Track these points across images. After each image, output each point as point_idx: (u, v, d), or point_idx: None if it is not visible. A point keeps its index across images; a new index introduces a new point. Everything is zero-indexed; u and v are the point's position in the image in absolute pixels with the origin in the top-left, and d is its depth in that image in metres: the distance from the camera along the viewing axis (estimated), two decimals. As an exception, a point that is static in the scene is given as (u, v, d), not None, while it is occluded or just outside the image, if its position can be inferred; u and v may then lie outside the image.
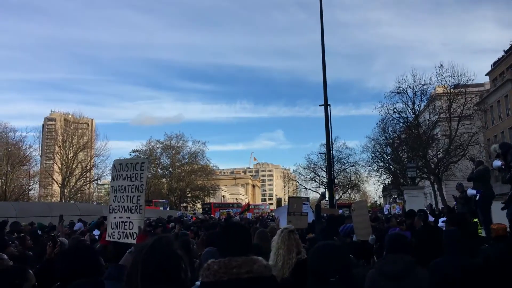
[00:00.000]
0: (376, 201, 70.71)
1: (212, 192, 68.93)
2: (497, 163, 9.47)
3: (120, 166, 5.09)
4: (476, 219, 8.56)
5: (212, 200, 67.49)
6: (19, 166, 49.81)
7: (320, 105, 25.08)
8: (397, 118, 39.02)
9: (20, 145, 50.45)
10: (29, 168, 52.23)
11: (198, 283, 2.67)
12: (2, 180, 47.09)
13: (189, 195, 65.82)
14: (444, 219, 8.85)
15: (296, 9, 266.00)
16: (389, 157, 43.71)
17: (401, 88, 37.28)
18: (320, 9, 18.45)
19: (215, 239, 6.04)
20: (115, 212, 4.85)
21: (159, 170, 64.28)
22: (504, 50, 50.90)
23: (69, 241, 6.41)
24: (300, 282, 2.81)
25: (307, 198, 8.96)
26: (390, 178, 48.32)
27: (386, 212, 28.53)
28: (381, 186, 53.12)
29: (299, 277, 2.88)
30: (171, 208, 54.90)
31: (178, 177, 63.79)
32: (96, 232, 10.13)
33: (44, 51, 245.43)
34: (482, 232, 8.00)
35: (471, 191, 9.59)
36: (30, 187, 54.42)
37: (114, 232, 4.75)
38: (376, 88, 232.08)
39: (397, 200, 37.75)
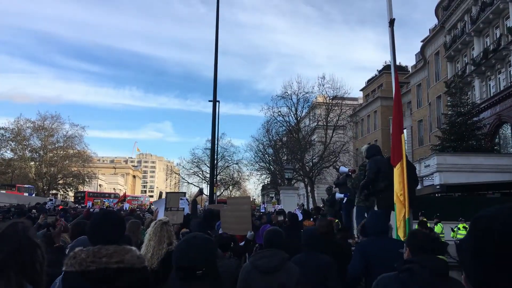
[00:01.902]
0: (255, 199, 73.45)
1: (87, 180, 64.55)
2: (344, 169, 10.72)
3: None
4: (337, 220, 9.40)
5: (87, 189, 63.34)
6: None
7: (210, 101, 25.24)
8: (280, 121, 41.15)
9: None
10: None
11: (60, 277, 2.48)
12: None
13: (60, 181, 60.79)
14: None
15: (197, 2, 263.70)
16: (270, 158, 45.76)
17: (287, 94, 39.42)
18: (217, 5, 18.51)
19: (81, 228, 5.72)
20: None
21: (27, 152, 58.15)
22: (377, 70, 57.07)
23: None
24: (168, 272, 2.79)
25: (184, 194, 8.93)
26: (269, 178, 50.57)
27: (263, 210, 29.79)
28: (261, 185, 55.40)
29: (168, 267, 2.86)
30: (37, 194, 50.19)
31: (49, 161, 58.39)
32: None
33: None
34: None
35: (339, 195, 10.53)
36: None
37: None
38: (265, 91, 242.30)
39: (273, 200, 39.70)
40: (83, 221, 6.89)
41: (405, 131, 6.08)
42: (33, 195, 46.27)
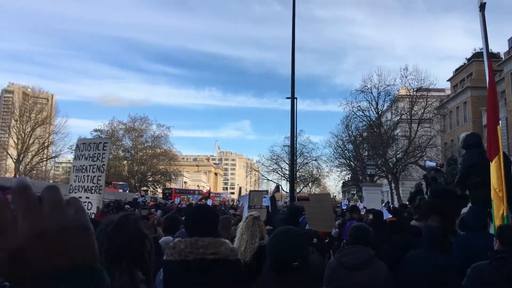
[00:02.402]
0: (335, 196, 72.31)
1: (173, 177, 68.15)
2: (431, 164, 9.93)
3: (83, 146, 5.01)
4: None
5: (173, 186, 66.80)
6: (-29, 138, 47.44)
7: (287, 98, 25.33)
8: (360, 116, 39.95)
9: (-27, 116, 47.94)
10: (-18, 141, 49.78)
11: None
12: (-49, 152, 44.70)
13: (150, 179, 64.79)
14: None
15: (272, 0, 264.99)
16: (350, 154, 44.67)
17: (367, 87, 38.17)
18: (293, 2, 18.50)
19: (172, 222, 6.09)
20: (75, 192, 4.78)
21: (120, 151, 62.81)
22: (466, 58, 52.99)
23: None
24: (261, 266, 2.88)
25: (266, 192, 9.05)
26: (350, 174, 49.45)
27: (344, 207, 29.24)
28: (341, 181, 54.38)
29: (261, 261, 2.95)
30: (130, 191, 53.95)
31: (139, 160, 62.57)
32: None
33: (6, 19, 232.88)
34: None
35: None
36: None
37: (72, 211, 4.69)
38: (343, 85, 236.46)
39: (355, 197, 38.76)
40: (175, 215, 7.33)
41: (500, 122, 5.54)
42: (127, 191, 49.70)
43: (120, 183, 53.09)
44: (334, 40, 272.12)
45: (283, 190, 42.22)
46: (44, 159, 59.66)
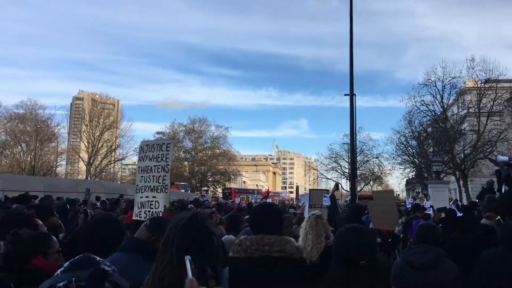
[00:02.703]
0: (398, 194, 69.94)
1: (233, 177, 69.39)
2: (503, 158, 9.11)
3: (146, 147, 5.22)
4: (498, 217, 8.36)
5: (232, 185, 67.96)
6: (48, 143, 51.15)
7: (346, 95, 24.89)
8: (424, 111, 38.18)
9: (49, 123, 51.67)
10: (57, 145, 53.57)
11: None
12: (31, 156, 48.52)
13: (210, 179, 66.41)
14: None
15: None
16: (414, 151, 42.95)
17: (430, 80, 36.40)
18: (351, -4, 18.13)
19: (234, 221, 6.18)
20: (142, 192, 4.99)
21: (181, 153, 64.96)
22: (541, 45, 49.00)
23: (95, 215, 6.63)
24: (327, 265, 2.84)
25: (327, 191, 8.90)
26: (414, 172, 47.54)
27: (409, 206, 28.23)
28: (405, 179, 52.40)
29: (327, 261, 2.91)
30: (192, 191, 55.58)
31: (199, 160, 64.36)
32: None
33: (75, 30, 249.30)
34: None
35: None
36: (58, 164, 55.94)
37: (140, 211, 4.90)
38: (405, 80, 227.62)
39: (420, 195, 37.16)
40: (237, 214, 7.44)
41: None
42: (189, 191, 51.23)
43: (182, 183, 54.84)
44: (393, 34, 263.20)
45: (343, 189, 41.47)
46: (112, 162, 63.11)
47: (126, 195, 20.12)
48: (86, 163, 56.93)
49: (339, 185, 18.88)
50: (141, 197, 4.97)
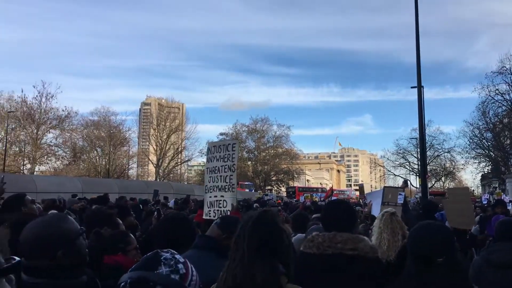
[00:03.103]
0: (473, 190, 65.86)
1: (296, 176, 69.29)
2: None
3: (213, 148, 5.37)
4: None
5: (296, 184, 67.81)
6: (120, 147, 54.29)
7: (413, 87, 23.84)
8: (499, 101, 35.72)
9: (121, 128, 54.85)
10: (128, 149, 56.71)
11: None
12: (106, 160, 51.75)
13: (273, 178, 66.83)
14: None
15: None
16: (489, 143, 40.31)
17: (505, 68, 34.00)
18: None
19: (302, 220, 6.16)
20: (210, 192, 5.15)
21: (244, 153, 66.02)
22: None
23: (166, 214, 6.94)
24: (403, 265, 2.73)
25: (402, 189, 8.56)
26: (490, 166, 44.55)
27: (485, 202, 26.52)
28: (480, 174, 49.21)
29: (404, 260, 2.80)
30: (255, 190, 56.20)
31: (262, 160, 65.02)
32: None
33: (141, 39, 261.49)
34: None
35: None
36: (130, 167, 59.17)
37: (210, 210, 5.06)
38: (476, 69, 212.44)
39: (497, 190, 34.73)
40: (303, 212, 7.41)
41: None
42: (253, 191, 51.93)
43: (246, 183, 55.63)
44: (462, 20, 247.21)
45: (412, 185, 39.79)
46: (178, 163, 65.59)
47: (193, 195, 20.81)
48: (155, 165, 59.69)
49: (408, 182, 18.21)
50: (210, 196, 5.12)
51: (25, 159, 44.22)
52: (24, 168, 43.67)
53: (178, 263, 1.60)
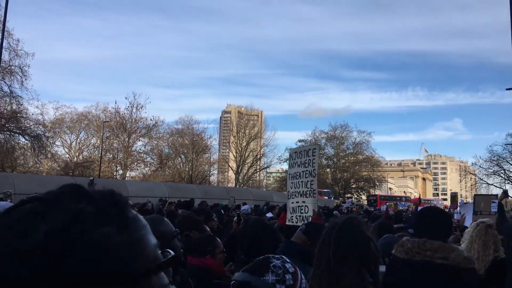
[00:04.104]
0: None
1: (377, 184, 66.88)
2: None
3: (295, 155, 5.41)
4: None
5: (377, 192, 65.45)
6: (202, 154, 56.53)
7: (508, 89, 21.93)
8: None
9: (203, 135, 57.14)
10: (210, 156, 58.87)
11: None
12: (189, 166, 54.19)
13: (353, 186, 65.15)
14: None
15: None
16: None
17: None
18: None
19: (386, 229, 5.93)
20: (293, 198, 5.19)
21: (323, 160, 65.23)
22: None
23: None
24: (495, 283, 2.53)
25: (496, 196, 7.86)
26: None
27: None
28: None
29: (495, 277, 2.59)
30: (335, 198, 55.17)
31: (342, 167, 63.72)
32: (269, 215, 10.87)
33: (222, 49, 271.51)
34: None
35: None
36: (211, 173, 61.36)
37: (292, 216, 5.09)
38: None
39: None
40: (387, 222, 7.14)
41: None
42: (332, 198, 51.04)
43: (325, 190, 54.88)
44: None
45: (510, 197, 36.39)
46: (257, 170, 66.63)
47: (272, 202, 20.99)
48: (234, 172, 61.24)
49: (507, 192, 16.52)
50: (292, 202, 5.16)
51: (117, 165, 47.92)
52: (117, 174, 47.31)
53: (287, 273, 1.55)
